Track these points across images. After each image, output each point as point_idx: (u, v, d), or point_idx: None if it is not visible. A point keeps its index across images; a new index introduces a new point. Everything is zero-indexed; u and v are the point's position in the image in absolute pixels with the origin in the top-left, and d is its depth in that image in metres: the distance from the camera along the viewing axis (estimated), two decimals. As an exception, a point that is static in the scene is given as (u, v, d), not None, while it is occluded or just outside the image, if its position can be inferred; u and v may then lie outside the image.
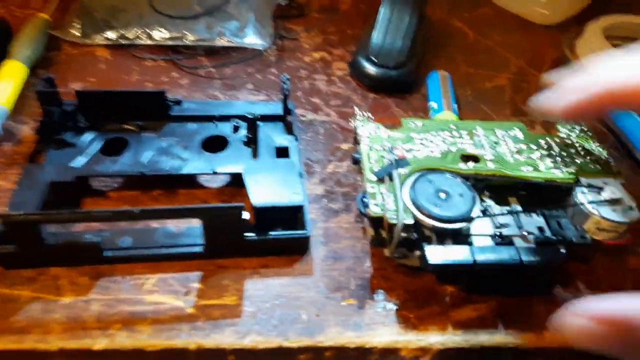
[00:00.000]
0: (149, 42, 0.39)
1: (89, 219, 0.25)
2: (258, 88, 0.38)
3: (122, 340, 0.24)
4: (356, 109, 0.33)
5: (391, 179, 0.27)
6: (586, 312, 0.18)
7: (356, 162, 0.29)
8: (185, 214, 0.25)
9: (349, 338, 0.25)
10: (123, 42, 0.39)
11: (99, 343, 0.24)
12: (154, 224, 0.28)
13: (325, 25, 0.45)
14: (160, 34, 0.39)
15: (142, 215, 0.24)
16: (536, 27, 0.47)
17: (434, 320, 0.26)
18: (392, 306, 0.26)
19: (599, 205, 0.26)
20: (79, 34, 0.39)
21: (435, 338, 0.25)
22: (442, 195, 0.26)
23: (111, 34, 0.39)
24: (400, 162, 0.28)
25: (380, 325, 0.25)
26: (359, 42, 0.42)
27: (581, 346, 0.18)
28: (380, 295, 0.26)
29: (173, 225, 0.28)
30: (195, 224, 0.26)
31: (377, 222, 0.26)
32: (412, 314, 0.26)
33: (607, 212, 0.26)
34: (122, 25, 0.39)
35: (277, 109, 0.34)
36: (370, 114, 0.32)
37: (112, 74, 0.38)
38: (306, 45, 0.43)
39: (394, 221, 0.25)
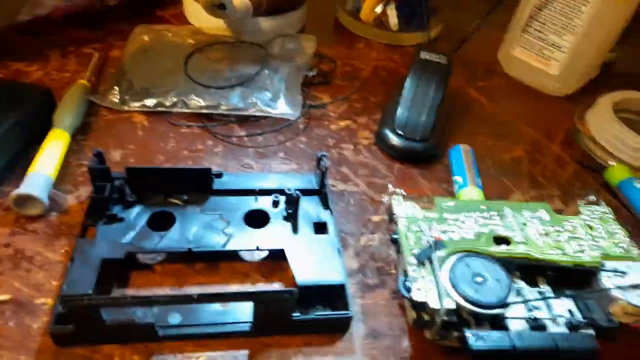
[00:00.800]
0: (185, 110, 0.41)
1: (151, 303, 0.26)
2: (289, 156, 0.40)
3: (176, 421, 0.25)
4: (390, 185, 0.34)
5: (431, 262, 0.28)
6: None
7: (394, 242, 0.30)
8: (241, 299, 0.26)
9: (394, 420, 0.26)
10: (160, 109, 0.41)
11: None
12: (201, 300, 0.29)
13: (349, 93, 0.47)
14: (196, 102, 0.41)
15: (200, 299, 0.25)
16: (547, 98, 0.50)
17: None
18: (432, 386, 0.27)
19: (625, 291, 0.28)
20: (117, 100, 0.41)
21: (476, 420, 0.26)
22: (479, 279, 0.28)
23: (149, 102, 0.41)
24: (438, 244, 0.29)
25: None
26: (383, 111, 0.44)
27: None
28: (420, 376, 0.28)
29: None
30: (246, 302, 0.27)
31: (420, 306, 0.27)
32: (452, 394, 0.27)
33: (633, 298, 0.28)
34: (160, 93, 0.41)
35: (312, 181, 0.35)
36: (402, 190, 0.33)
37: (150, 140, 0.39)
38: (332, 113, 0.45)
39: (436, 306, 0.26)
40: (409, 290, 0.27)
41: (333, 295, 0.29)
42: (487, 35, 0.49)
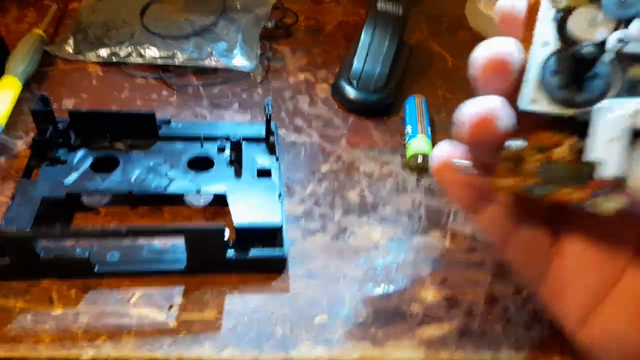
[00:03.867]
0: (139, 60, 0.41)
1: (80, 235, 0.27)
2: (244, 108, 0.40)
3: (108, 351, 0.26)
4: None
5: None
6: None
7: None
8: (170, 233, 0.27)
9: (319, 353, 0.27)
10: (115, 59, 0.41)
11: (86, 354, 0.26)
12: (141, 240, 0.30)
13: (311, 47, 0.47)
14: (151, 53, 0.41)
15: (129, 233, 0.26)
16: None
17: (399, 337, 0.28)
18: (359, 321, 0.28)
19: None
20: (72, 51, 0.41)
21: (402, 354, 0.27)
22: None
23: (103, 52, 0.41)
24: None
25: (350, 341, 0.27)
26: (341, 64, 0.44)
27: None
28: (351, 317, 0.28)
29: (159, 242, 0.30)
30: (180, 241, 0.28)
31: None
32: (380, 330, 0.28)
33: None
34: (115, 43, 0.41)
35: (260, 130, 0.36)
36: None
37: (104, 90, 0.40)
38: (291, 66, 0.45)
39: None
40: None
41: (270, 237, 0.30)
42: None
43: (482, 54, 0.19)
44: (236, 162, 0.33)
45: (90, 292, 0.28)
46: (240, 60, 0.42)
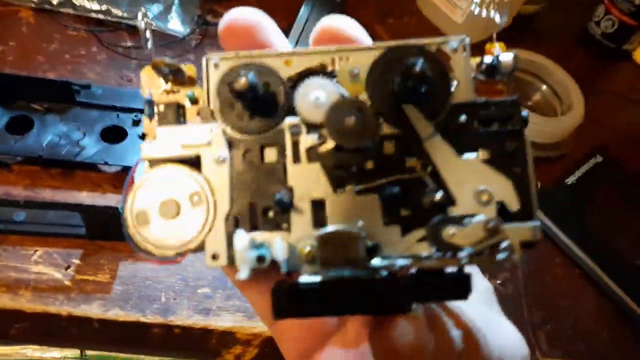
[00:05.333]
0: (72, 11, 0.41)
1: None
2: (172, 73, 0.41)
3: (5, 301, 0.29)
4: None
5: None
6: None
7: None
8: (66, 208, 0.30)
9: (196, 320, 0.31)
10: (47, 7, 0.41)
11: (-16, 303, 0.29)
12: (48, 202, 0.33)
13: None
14: (85, 4, 0.41)
15: (26, 205, 0.28)
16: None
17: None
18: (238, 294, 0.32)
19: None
20: (4, -8, 0.41)
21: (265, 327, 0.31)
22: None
23: (36, -3, 0.41)
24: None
25: (223, 312, 0.31)
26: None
27: None
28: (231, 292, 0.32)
29: (64, 206, 0.32)
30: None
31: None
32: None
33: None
34: (48, -10, 0.41)
35: (180, 104, 0.37)
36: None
37: (33, 39, 0.40)
38: (229, 33, 0.45)
39: None
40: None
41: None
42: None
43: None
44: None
45: (-5, 247, 0.31)
46: (175, 24, 0.42)
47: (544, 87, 0.47)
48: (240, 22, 0.19)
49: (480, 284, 0.21)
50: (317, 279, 0.16)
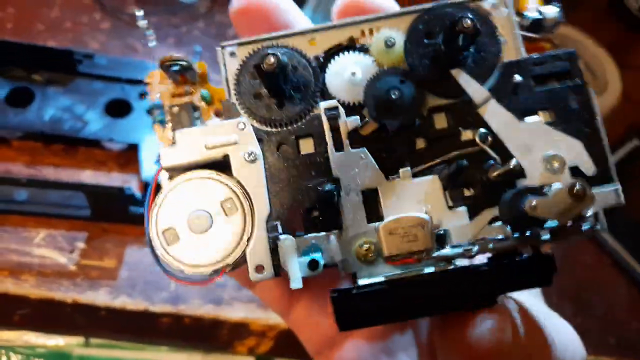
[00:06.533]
0: (73, -26, 0.38)
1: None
2: (179, 43, 0.39)
3: (8, 286, 0.28)
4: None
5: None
6: None
7: None
8: (70, 188, 0.28)
9: (207, 310, 0.29)
10: (46, -31, 0.38)
11: (-15, 288, 0.27)
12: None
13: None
14: (86, -33, 0.38)
15: (29, 183, 0.26)
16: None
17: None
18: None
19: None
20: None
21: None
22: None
23: (34, -41, 0.38)
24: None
25: (235, 302, 0.30)
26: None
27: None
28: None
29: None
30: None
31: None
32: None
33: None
34: (46, -49, 0.38)
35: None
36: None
37: (33, 6, 0.37)
38: (240, -1, 0.42)
39: None
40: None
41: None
42: None
43: None
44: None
45: (-5, 229, 0.29)
46: (182, -11, 0.39)
47: (576, 62, 0.44)
48: (255, 3, 0.17)
49: None
50: (379, 279, 0.14)
